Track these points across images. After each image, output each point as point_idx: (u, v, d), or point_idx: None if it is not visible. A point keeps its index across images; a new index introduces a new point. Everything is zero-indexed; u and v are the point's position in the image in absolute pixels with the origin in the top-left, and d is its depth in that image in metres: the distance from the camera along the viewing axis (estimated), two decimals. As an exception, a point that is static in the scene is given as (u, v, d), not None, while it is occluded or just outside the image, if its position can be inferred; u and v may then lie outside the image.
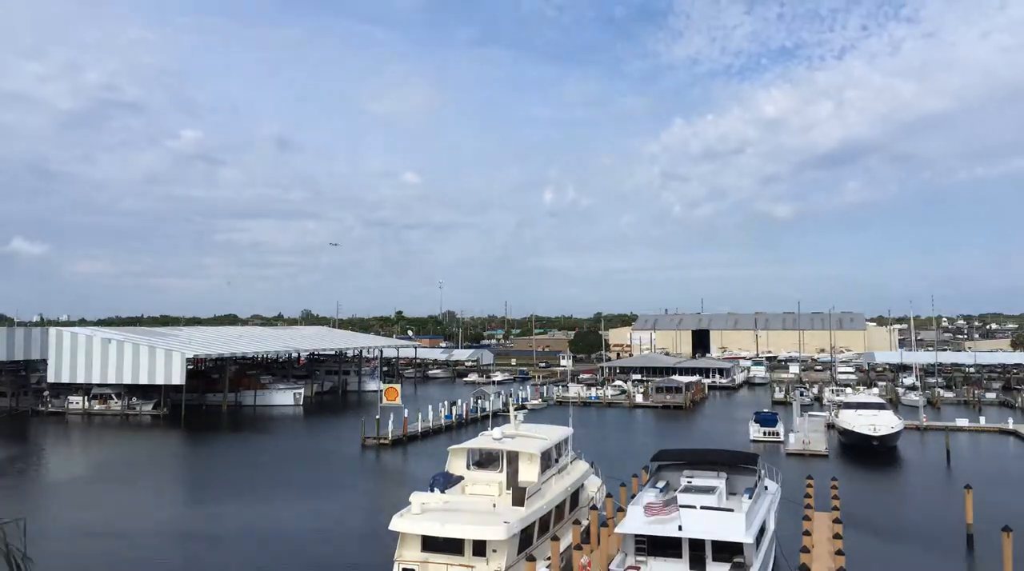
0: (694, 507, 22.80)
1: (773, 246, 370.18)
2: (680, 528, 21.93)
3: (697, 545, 22.18)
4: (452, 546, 22.78)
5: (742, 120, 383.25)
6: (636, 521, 22.93)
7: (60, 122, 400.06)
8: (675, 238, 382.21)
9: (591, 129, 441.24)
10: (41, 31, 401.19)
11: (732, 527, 21.82)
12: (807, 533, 25.43)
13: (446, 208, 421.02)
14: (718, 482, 25.60)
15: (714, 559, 22.00)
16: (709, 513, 22.60)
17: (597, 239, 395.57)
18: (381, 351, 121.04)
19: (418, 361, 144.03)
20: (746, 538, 21.55)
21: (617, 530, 24.06)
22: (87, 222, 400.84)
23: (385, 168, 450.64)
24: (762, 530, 23.69)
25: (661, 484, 26.35)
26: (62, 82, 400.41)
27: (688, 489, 25.02)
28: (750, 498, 24.24)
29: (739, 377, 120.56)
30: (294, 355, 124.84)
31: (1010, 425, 64.82)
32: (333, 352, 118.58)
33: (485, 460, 28.02)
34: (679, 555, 22.37)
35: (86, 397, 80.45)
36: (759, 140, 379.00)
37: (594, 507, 29.40)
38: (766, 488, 27.81)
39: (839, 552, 24.64)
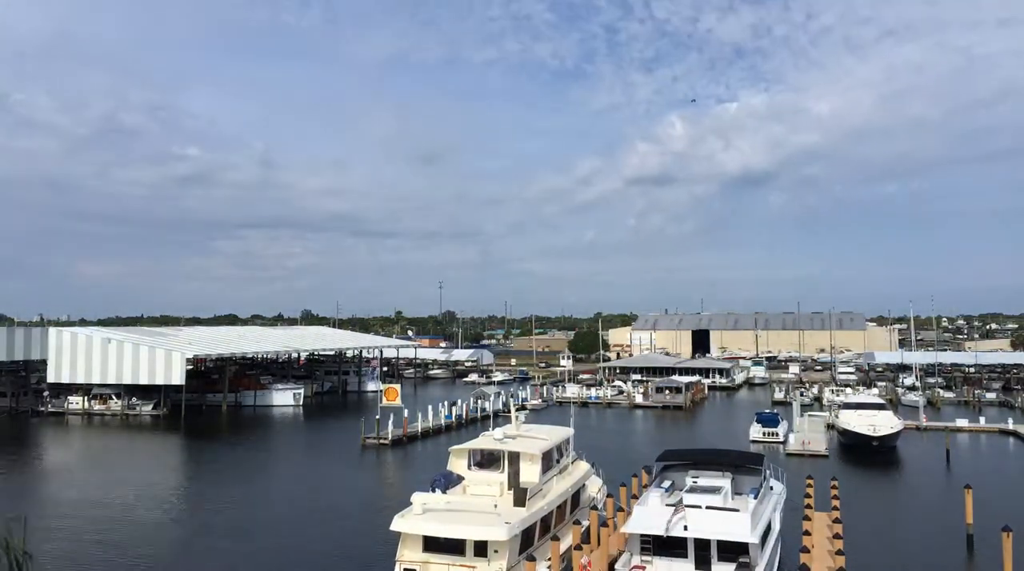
0: (699, 507, 22.85)
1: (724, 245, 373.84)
2: (685, 528, 21.97)
3: (702, 545, 22.21)
4: (453, 546, 22.80)
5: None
6: (641, 520, 22.96)
7: (71, 145, 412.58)
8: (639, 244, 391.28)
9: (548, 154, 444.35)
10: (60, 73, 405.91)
11: (737, 527, 21.86)
12: (807, 533, 25.45)
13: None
14: (723, 482, 25.62)
15: (719, 559, 22.03)
16: (714, 513, 22.64)
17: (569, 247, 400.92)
18: (381, 351, 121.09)
19: (418, 361, 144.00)
20: (751, 538, 21.58)
21: (623, 529, 24.11)
22: (90, 227, 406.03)
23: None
24: (767, 530, 23.73)
25: (666, 484, 26.39)
26: (72, 114, 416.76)
27: (694, 489, 25.05)
28: (755, 498, 24.29)
29: (739, 377, 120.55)
30: (294, 355, 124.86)
31: (1010, 425, 64.83)
32: (333, 352, 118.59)
33: (486, 460, 28.04)
34: (684, 555, 22.41)
35: (86, 397, 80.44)
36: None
37: (595, 507, 29.43)
38: (771, 488, 27.84)
39: (839, 552, 24.67)
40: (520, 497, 24.65)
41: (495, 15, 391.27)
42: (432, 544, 23.02)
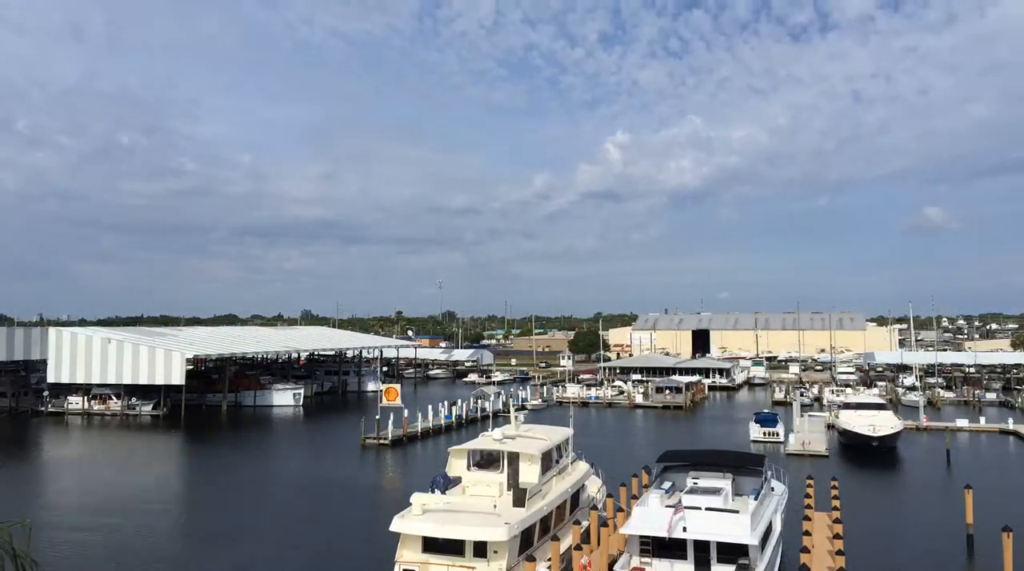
0: (699, 508, 22.78)
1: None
2: (685, 529, 21.91)
3: (702, 546, 22.14)
4: (453, 547, 22.78)
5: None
6: (641, 522, 22.92)
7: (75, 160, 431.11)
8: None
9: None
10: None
11: (737, 528, 21.79)
12: (807, 533, 25.44)
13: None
14: (724, 483, 25.56)
15: (719, 560, 21.96)
16: (714, 514, 22.56)
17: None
18: (381, 351, 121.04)
19: (418, 361, 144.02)
20: (751, 539, 21.51)
21: (622, 530, 24.06)
22: (92, 232, 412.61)
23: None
24: (768, 531, 23.68)
25: (667, 485, 26.34)
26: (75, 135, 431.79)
27: (694, 490, 24.98)
28: (756, 499, 24.23)
29: (739, 377, 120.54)
30: (294, 355, 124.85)
31: (1010, 425, 64.82)
32: (333, 352, 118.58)
33: (486, 461, 28.01)
34: (684, 556, 22.36)
35: (86, 397, 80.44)
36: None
37: (594, 507, 29.40)
38: (772, 489, 27.77)
39: (839, 552, 24.66)
40: (520, 497, 24.62)
41: (454, 70, 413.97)
42: (431, 545, 22.99)
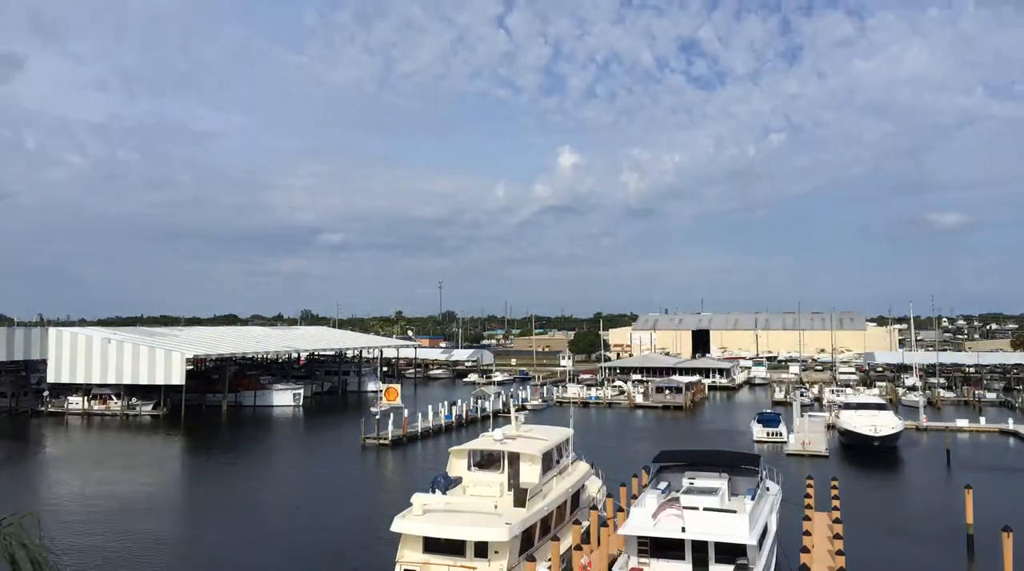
0: (697, 508, 22.78)
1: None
2: (683, 530, 21.91)
3: (700, 547, 22.15)
4: (454, 547, 22.80)
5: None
6: (639, 522, 22.92)
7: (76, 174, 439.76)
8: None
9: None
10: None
11: (735, 528, 21.80)
12: (807, 533, 25.45)
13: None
14: (720, 483, 25.57)
15: (717, 561, 21.97)
16: (712, 514, 22.57)
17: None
18: (381, 351, 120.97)
19: (418, 361, 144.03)
20: (749, 539, 21.53)
21: (620, 531, 24.05)
22: (93, 236, 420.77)
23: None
24: (764, 531, 23.69)
25: (663, 485, 26.33)
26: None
27: (690, 490, 24.98)
28: (752, 499, 24.24)
29: (739, 377, 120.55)
30: (294, 355, 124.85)
31: (1010, 425, 64.82)
32: (333, 352, 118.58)
33: (486, 461, 28.03)
34: (682, 557, 22.37)
35: (86, 397, 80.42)
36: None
37: (594, 507, 29.41)
38: (767, 489, 27.78)
39: (839, 552, 24.66)
40: (520, 498, 24.63)
41: (418, 110, 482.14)
42: (432, 545, 23.01)
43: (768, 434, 59.24)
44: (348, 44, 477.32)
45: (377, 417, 59.56)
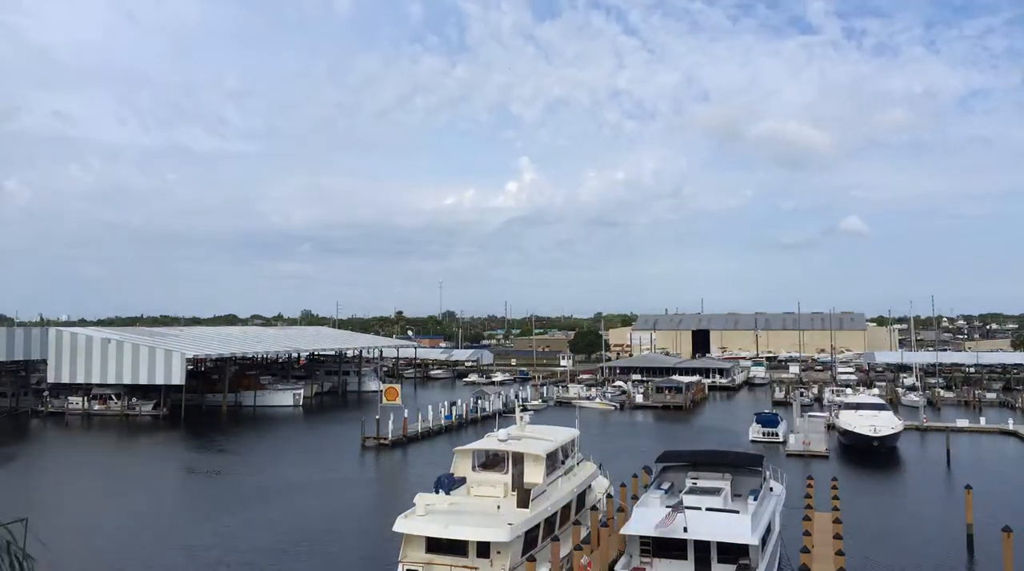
0: (699, 509, 22.81)
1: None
2: (685, 530, 21.95)
3: (702, 547, 22.19)
4: (456, 548, 22.84)
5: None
6: (641, 522, 22.96)
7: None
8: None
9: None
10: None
11: (738, 529, 21.84)
12: (807, 533, 25.52)
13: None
14: (723, 483, 25.60)
15: (719, 561, 22.02)
16: (714, 515, 22.60)
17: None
18: (381, 351, 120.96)
19: (418, 361, 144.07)
20: (752, 540, 21.56)
21: (622, 531, 24.09)
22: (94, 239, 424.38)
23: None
24: (768, 531, 23.74)
25: (666, 486, 26.37)
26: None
27: (693, 490, 25.01)
28: (755, 499, 24.26)
29: (739, 377, 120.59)
30: (294, 355, 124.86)
31: (1010, 426, 64.92)
32: (333, 352, 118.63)
33: (490, 461, 28.04)
34: (684, 557, 22.41)
35: (86, 397, 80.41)
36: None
37: (594, 507, 29.46)
38: (771, 490, 27.81)
39: (839, 552, 24.71)
40: (524, 498, 24.64)
41: (389, 141, 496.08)
42: (435, 545, 23.05)
43: (765, 434, 59.29)
44: (326, 85, 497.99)
45: (377, 417, 59.52)
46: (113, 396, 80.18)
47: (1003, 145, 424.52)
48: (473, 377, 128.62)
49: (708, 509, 22.93)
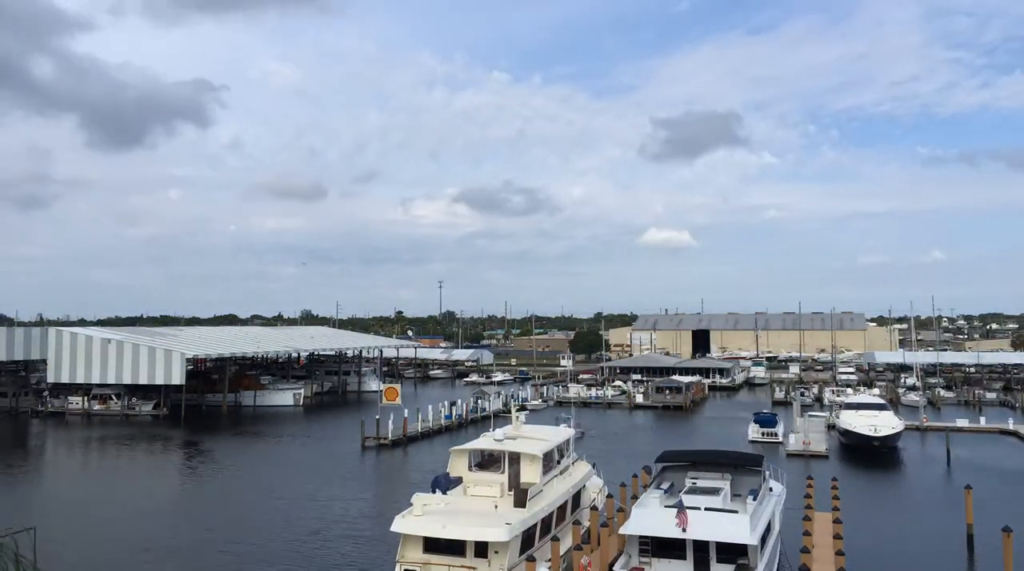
0: (699, 508, 22.78)
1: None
2: (684, 530, 21.92)
3: (701, 546, 22.16)
4: (454, 547, 22.80)
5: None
6: (640, 522, 22.92)
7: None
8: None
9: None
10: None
11: (736, 528, 21.80)
12: (807, 533, 25.46)
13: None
14: (723, 483, 25.56)
15: (718, 560, 21.98)
16: (714, 514, 22.56)
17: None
18: (381, 351, 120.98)
19: (418, 361, 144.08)
20: (751, 539, 21.51)
21: (621, 531, 24.06)
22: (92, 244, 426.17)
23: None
24: (767, 531, 23.69)
25: (666, 485, 26.34)
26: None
27: (693, 490, 24.99)
28: (755, 499, 24.22)
29: (739, 377, 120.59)
30: (294, 355, 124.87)
31: (1010, 425, 64.85)
32: (333, 352, 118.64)
33: (487, 461, 28.02)
34: (683, 557, 22.37)
35: (86, 397, 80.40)
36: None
37: (594, 507, 29.42)
38: (771, 489, 27.76)
39: (839, 552, 24.65)
40: (520, 498, 24.63)
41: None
42: (432, 545, 23.01)
43: (763, 434, 59.23)
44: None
45: (378, 417, 59.48)
46: (113, 396, 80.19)
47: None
48: (473, 377, 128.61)
49: (707, 509, 22.90)
